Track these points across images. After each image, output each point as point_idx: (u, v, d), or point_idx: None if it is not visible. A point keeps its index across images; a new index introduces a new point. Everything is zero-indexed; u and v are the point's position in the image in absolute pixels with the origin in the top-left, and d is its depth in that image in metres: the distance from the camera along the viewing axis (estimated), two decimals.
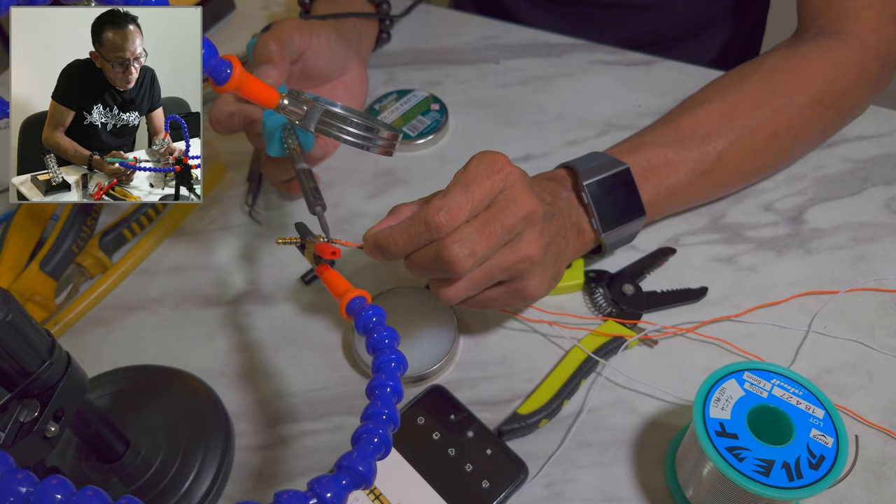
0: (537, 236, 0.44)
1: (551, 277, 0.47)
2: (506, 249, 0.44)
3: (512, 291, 0.46)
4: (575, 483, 0.45)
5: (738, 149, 0.54)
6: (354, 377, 0.51)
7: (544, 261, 0.45)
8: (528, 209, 0.43)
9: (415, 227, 0.43)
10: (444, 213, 0.42)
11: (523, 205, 0.43)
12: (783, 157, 0.59)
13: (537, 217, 0.44)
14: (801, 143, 0.58)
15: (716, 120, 0.54)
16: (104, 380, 0.50)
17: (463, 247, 0.41)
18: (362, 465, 0.31)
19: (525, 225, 0.43)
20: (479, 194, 0.42)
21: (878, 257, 0.55)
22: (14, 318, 0.33)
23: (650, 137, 0.55)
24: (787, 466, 0.37)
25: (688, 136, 0.54)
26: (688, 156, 0.53)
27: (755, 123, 0.54)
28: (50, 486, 0.26)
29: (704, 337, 0.51)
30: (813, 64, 0.57)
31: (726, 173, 0.55)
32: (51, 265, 0.55)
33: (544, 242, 0.45)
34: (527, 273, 0.45)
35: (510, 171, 0.43)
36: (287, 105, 0.43)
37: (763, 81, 0.56)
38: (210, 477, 0.45)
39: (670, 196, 0.54)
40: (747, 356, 0.49)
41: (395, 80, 0.74)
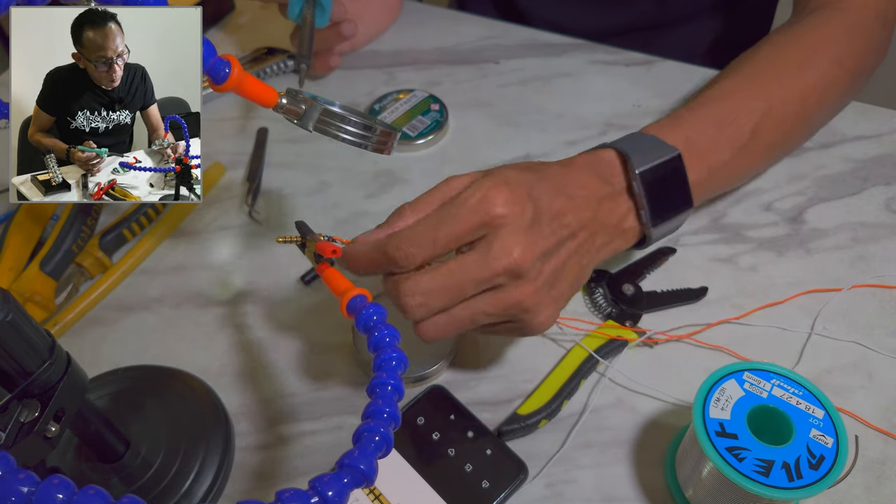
0: (528, 282, 0.40)
1: (564, 304, 0.44)
2: (487, 296, 0.40)
3: (514, 329, 0.43)
4: (575, 483, 0.45)
5: (770, 121, 0.53)
6: (355, 377, 0.51)
7: (545, 297, 0.42)
8: (508, 263, 0.39)
9: (375, 254, 0.41)
10: (401, 251, 0.39)
11: (504, 257, 0.39)
12: (809, 125, 0.59)
13: (524, 268, 0.39)
14: (824, 108, 0.58)
15: (746, 95, 0.54)
16: (104, 380, 0.50)
17: (414, 298, 0.39)
18: (364, 463, 0.31)
19: (506, 278, 0.40)
20: (446, 239, 0.39)
21: (878, 257, 0.55)
22: (14, 319, 0.33)
23: (686, 115, 0.52)
24: (787, 466, 0.37)
25: (722, 113, 0.52)
26: (725, 133, 0.52)
27: (783, 94, 0.54)
28: (51, 485, 0.26)
29: (704, 344, 0.51)
30: (823, 31, 0.57)
31: (760, 147, 0.54)
32: (51, 265, 0.55)
33: (544, 280, 0.41)
34: (523, 315, 0.41)
35: (501, 218, 0.39)
36: (285, 104, 0.43)
37: (780, 52, 0.56)
38: (210, 477, 0.45)
39: (710, 177, 0.51)
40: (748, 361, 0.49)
41: (395, 80, 0.74)
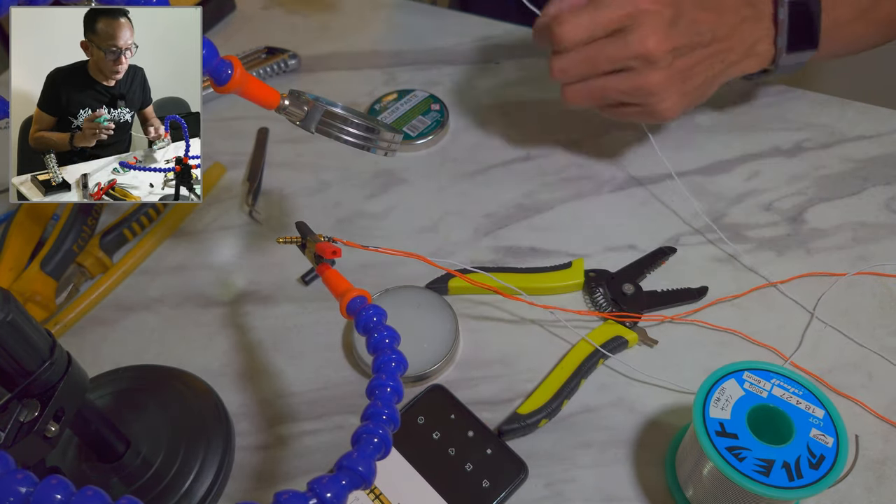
0: (659, 69, 0.49)
1: (690, 101, 0.53)
2: (621, 76, 0.50)
3: (643, 113, 0.53)
4: (575, 483, 0.45)
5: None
6: (354, 377, 0.51)
7: (672, 87, 0.51)
8: (643, 49, 0.48)
9: (543, 30, 0.51)
10: (563, 27, 0.49)
11: (641, 44, 0.48)
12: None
13: (656, 56, 0.48)
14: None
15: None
16: (105, 380, 0.50)
17: (559, 62, 0.50)
18: (362, 465, 0.31)
19: (639, 62, 0.49)
20: (604, 21, 0.48)
21: (879, 257, 0.55)
22: (14, 318, 0.33)
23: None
24: (787, 466, 0.37)
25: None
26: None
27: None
28: (50, 486, 0.26)
29: (708, 325, 0.51)
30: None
31: (881, 16, 0.57)
32: (51, 265, 0.55)
33: (674, 72, 0.50)
34: (650, 99, 0.51)
35: (645, 13, 0.47)
36: (288, 105, 0.43)
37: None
38: (210, 477, 0.45)
39: (833, 28, 0.55)
40: (751, 341, 0.49)
41: (395, 80, 0.74)
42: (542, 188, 0.62)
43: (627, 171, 0.63)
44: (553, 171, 0.64)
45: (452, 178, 0.64)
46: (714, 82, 0.55)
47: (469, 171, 0.65)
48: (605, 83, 0.51)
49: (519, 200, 0.61)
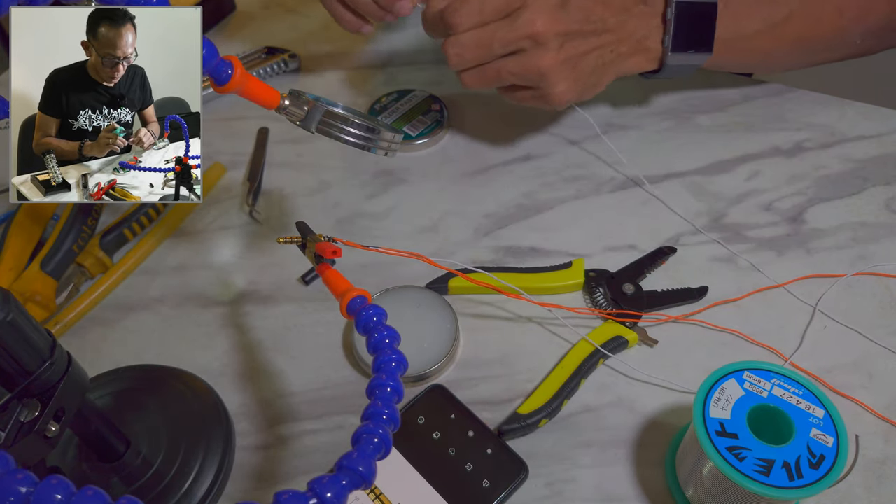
0: (549, 52, 0.51)
1: (583, 88, 0.54)
2: (513, 58, 0.52)
3: (537, 97, 0.55)
4: (575, 483, 0.45)
5: (806, 12, 0.57)
6: (355, 377, 0.51)
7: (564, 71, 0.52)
8: (532, 30, 0.50)
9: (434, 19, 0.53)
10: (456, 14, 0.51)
11: (530, 24, 0.50)
12: (840, 36, 0.59)
13: (545, 37, 0.50)
14: (858, 26, 0.58)
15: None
16: (105, 379, 0.50)
17: (453, 48, 0.52)
18: (362, 465, 0.31)
19: (529, 44, 0.51)
20: (490, 8, 0.50)
21: (879, 257, 0.55)
22: (14, 318, 0.33)
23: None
24: (788, 466, 0.37)
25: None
26: (763, 6, 0.56)
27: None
28: (50, 486, 0.26)
29: (708, 325, 0.51)
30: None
31: (790, 34, 0.57)
32: (51, 265, 0.55)
33: (565, 56, 0.52)
34: (542, 83, 0.53)
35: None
36: (288, 105, 0.43)
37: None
38: (210, 476, 0.45)
39: (737, 41, 0.57)
40: (751, 341, 0.49)
41: (395, 80, 0.74)
42: (542, 188, 0.62)
43: (627, 171, 0.63)
44: (553, 171, 0.64)
45: (452, 178, 0.64)
46: (605, 72, 0.55)
47: (469, 171, 0.65)
48: (499, 66, 0.53)
49: (519, 200, 0.62)
